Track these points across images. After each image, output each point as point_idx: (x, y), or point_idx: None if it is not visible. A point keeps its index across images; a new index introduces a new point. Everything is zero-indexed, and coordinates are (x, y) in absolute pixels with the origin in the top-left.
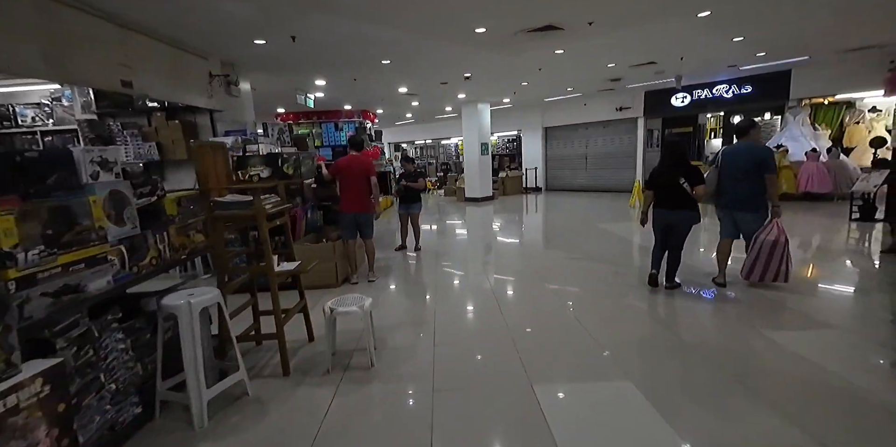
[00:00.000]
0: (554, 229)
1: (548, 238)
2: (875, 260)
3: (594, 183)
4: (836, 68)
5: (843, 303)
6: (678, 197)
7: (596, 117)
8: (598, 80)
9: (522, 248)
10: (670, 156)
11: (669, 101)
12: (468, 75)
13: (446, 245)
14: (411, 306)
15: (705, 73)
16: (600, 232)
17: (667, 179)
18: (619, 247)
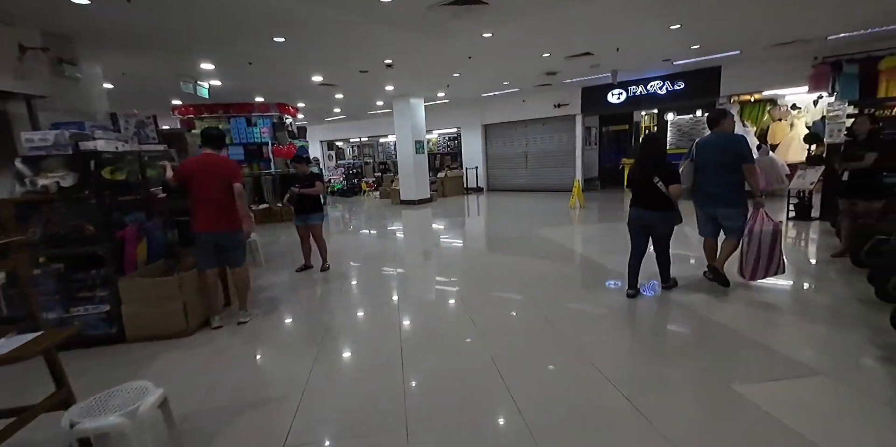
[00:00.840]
0: (494, 236)
1: (488, 248)
2: (832, 268)
3: (536, 182)
4: (763, 65)
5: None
6: (654, 196)
7: (535, 114)
8: (534, 74)
9: (460, 263)
10: (645, 152)
11: (606, 97)
12: (389, 62)
13: (367, 260)
14: (281, 367)
15: (640, 68)
16: (543, 241)
17: (642, 178)
18: (565, 262)
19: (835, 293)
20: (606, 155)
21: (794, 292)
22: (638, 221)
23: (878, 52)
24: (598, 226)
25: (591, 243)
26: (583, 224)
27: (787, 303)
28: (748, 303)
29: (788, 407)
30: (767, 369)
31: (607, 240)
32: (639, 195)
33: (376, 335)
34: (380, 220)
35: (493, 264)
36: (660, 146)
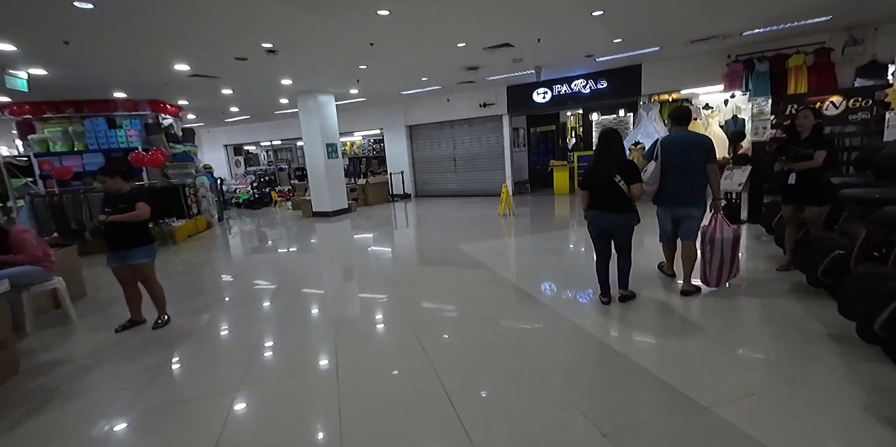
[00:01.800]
0: (405, 259)
1: (388, 281)
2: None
3: (466, 187)
4: (681, 63)
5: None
6: (613, 197)
7: (461, 114)
8: (453, 69)
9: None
10: (605, 149)
11: (531, 96)
12: (270, 47)
13: (233, 307)
14: None
15: (564, 65)
16: (465, 262)
17: (602, 177)
18: (487, 299)
19: (801, 327)
20: (535, 157)
21: (753, 328)
22: (599, 225)
23: (786, 49)
24: (530, 238)
25: (521, 263)
26: (512, 236)
27: (751, 342)
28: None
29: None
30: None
31: (538, 258)
32: (599, 196)
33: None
34: (279, 238)
35: (376, 309)
36: (621, 142)
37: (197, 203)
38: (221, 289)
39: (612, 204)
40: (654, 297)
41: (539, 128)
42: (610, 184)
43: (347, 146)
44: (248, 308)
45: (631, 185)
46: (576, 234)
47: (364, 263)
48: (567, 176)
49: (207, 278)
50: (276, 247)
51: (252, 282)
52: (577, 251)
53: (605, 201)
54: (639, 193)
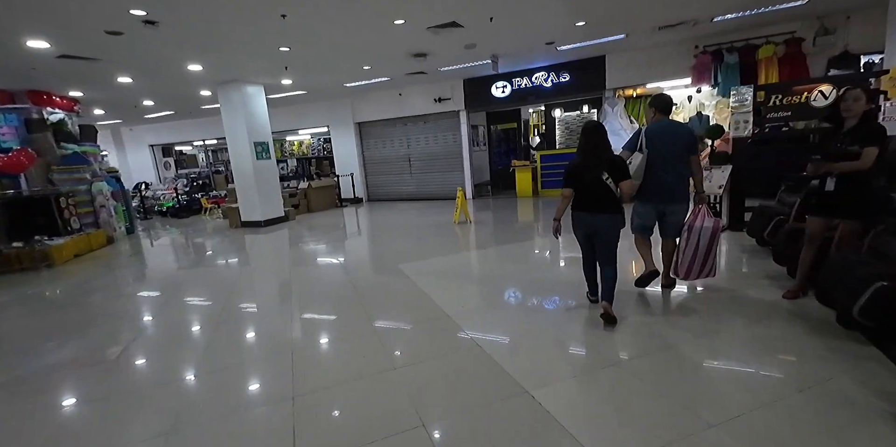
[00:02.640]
0: (326, 286)
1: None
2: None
3: (422, 190)
4: (647, 55)
5: None
6: (602, 196)
7: (414, 110)
8: (398, 56)
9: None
10: (592, 144)
11: (490, 91)
12: (145, 17)
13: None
14: None
15: (523, 54)
16: (402, 292)
17: (590, 175)
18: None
19: (851, 403)
20: (497, 157)
21: (788, 406)
22: (586, 228)
23: (756, 39)
24: (488, 253)
25: (475, 291)
26: (467, 249)
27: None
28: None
29: None
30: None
31: (498, 282)
32: (585, 196)
33: None
34: (186, 256)
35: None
36: (606, 135)
37: (95, 214)
38: (88, 329)
39: (599, 204)
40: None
41: (500, 126)
42: (597, 182)
43: (295, 146)
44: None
45: (620, 182)
46: (544, 245)
47: (253, 300)
48: (530, 177)
49: (70, 314)
50: (171, 270)
51: (110, 321)
52: (548, 272)
53: (592, 201)
54: (630, 191)
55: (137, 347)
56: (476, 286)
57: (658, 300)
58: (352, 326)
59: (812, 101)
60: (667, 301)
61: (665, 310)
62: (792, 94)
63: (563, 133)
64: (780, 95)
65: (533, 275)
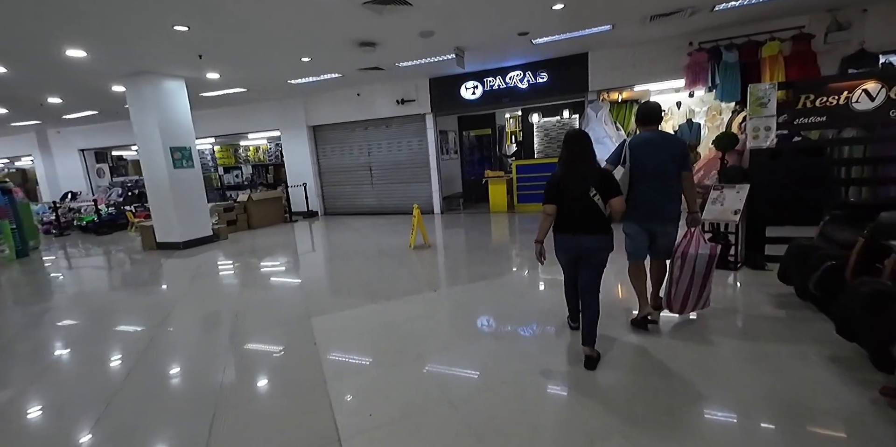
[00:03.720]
0: (199, 366)
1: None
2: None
3: (385, 203)
4: (635, 52)
5: None
6: (589, 215)
7: (375, 113)
8: (339, 43)
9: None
10: (575, 154)
11: (459, 92)
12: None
13: None
14: None
15: (494, 49)
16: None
17: (575, 190)
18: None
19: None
20: (470, 166)
21: None
22: (570, 251)
23: (758, 35)
24: (438, 301)
25: (406, 379)
26: (417, 291)
27: None
28: None
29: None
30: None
31: (448, 366)
32: (569, 215)
33: None
34: (45, 295)
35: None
36: (591, 145)
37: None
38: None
39: (584, 224)
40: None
41: (473, 131)
42: (582, 199)
43: (251, 151)
44: None
45: (610, 199)
46: (521, 283)
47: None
48: (504, 190)
49: None
50: (31, 315)
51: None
52: (532, 335)
53: (577, 221)
54: (620, 209)
55: None
56: (410, 368)
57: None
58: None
59: (854, 102)
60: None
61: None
62: (828, 94)
63: (543, 141)
64: (811, 95)
65: (507, 345)
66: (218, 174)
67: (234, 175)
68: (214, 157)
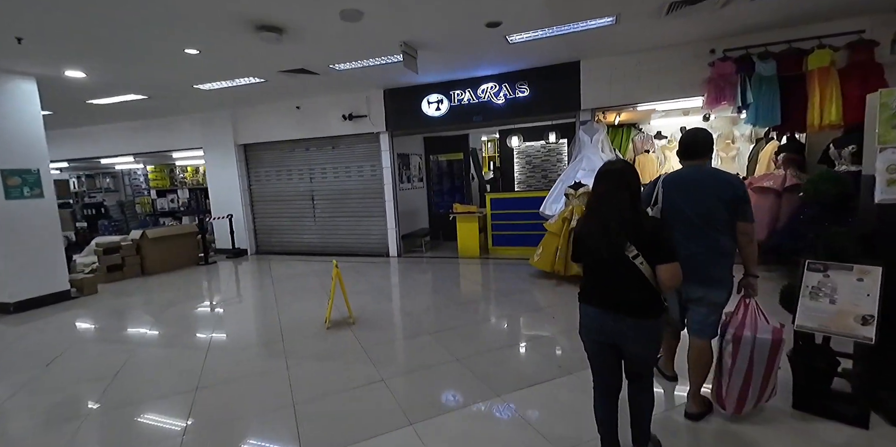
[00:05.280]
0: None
1: None
2: None
3: (330, 241)
4: (639, 61)
5: None
6: (625, 285)
7: (319, 130)
8: (229, 23)
9: None
10: (604, 197)
11: (420, 107)
12: None
13: None
14: None
15: (457, 49)
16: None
17: (606, 248)
18: None
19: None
20: (439, 196)
21: None
22: (597, 334)
23: (803, 41)
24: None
25: None
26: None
27: None
28: None
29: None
30: None
31: None
32: (598, 281)
33: None
34: None
35: None
36: (636, 183)
37: None
38: None
39: (618, 297)
40: None
41: (441, 156)
42: (618, 261)
43: (188, 172)
44: None
45: (659, 264)
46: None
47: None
48: (476, 229)
49: None
50: None
51: None
52: None
53: (608, 292)
54: (672, 282)
55: None
56: None
57: None
58: None
59: None
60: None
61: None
62: None
63: (524, 169)
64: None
65: None
66: (150, 198)
67: (170, 199)
68: (147, 178)
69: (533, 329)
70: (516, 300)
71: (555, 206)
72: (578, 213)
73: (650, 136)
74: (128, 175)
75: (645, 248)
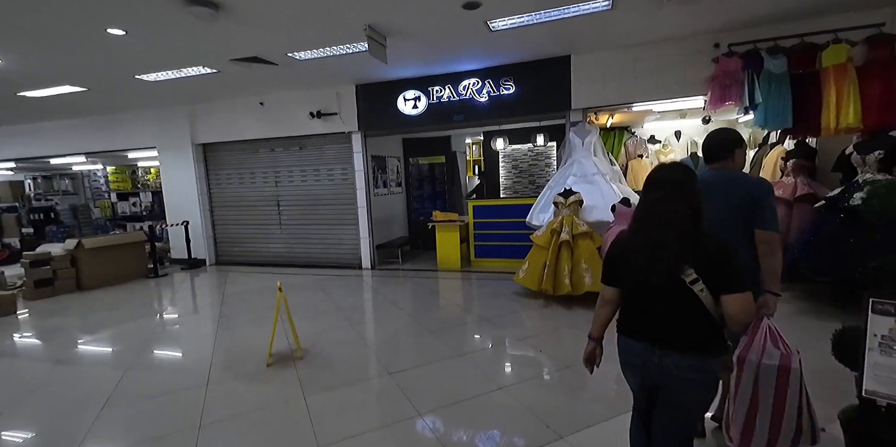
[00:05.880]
0: None
1: None
2: None
3: (297, 251)
4: (636, 57)
5: None
6: (682, 316)
7: (284, 129)
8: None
9: None
10: (655, 208)
11: (395, 103)
12: None
13: None
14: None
15: (430, 34)
16: None
17: (657, 270)
18: None
19: None
20: (419, 202)
21: None
22: (642, 375)
23: (816, 35)
24: None
25: None
26: None
27: None
28: None
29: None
30: None
31: None
32: (643, 309)
33: None
34: None
35: None
36: (694, 192)
37: None
38: None
39: (670, 330)
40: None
41: (422, 159)
42: (671, 286)
43: (151, 175)
44: None
45: (725, 294)
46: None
47: None
48: (457, 239)
49: None
50: None
51: None
52: None
53: (657, 323)
54: (742, 317)
55: None
56: None
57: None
58: None
59: None
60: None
61: None
62: None
63: (510, 174)
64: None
65: None
66: (111, 202)
67: (132, 203)
68: (108, 180)
69: (516, 367)
70: (498, 325)
71: (542, 215)
72: (568, 223)
73: (644, 140)
74: (87, 177)
75: (707, 273)
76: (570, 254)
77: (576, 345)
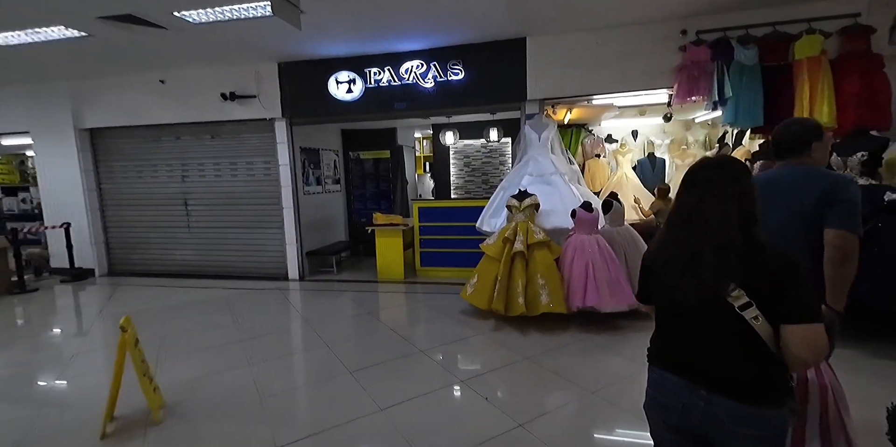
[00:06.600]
0: None
1: None
2: None
3: (210, 259)
4: (597, 43)
5: None
6: (728, 349)
7: (192, 114)
8: None
9: None
10: (709, 214)
11: (326, 87)
12: None
13: None
14: None
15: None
16: None
17: (694, 289)
18: None
19: None
20: (361, 202)
21: None
22: (679, 418)
23: (789, 24)
24: None
25: None
26: None
27: None
28: None
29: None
30: None
31: None
32: (678, 336)
33: None
34: None
35: None
36: (750, 194)
37: None
38: None
39: (713, 366)
40: None
41: (363, 153)
42: (714, 310)
43: None
44: None
45: (788, 323)
46: None
47: None
48: (400, 245)
49: None
50: None
51: None
52: None
53: (696, 355)
54: (811, 352)
55: None
56: None
57: None
58: None
59: None
60: None
61: None
62: None
63: (462, 173)
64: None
65: None
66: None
67: (21, 199)
68: None
69: (454, 426)
70: (439, 361)
71: (494, 220)
72: (523, 231)
73: (601, 139)
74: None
75: (763, 296)
76: (525, 267)
77: (534, 385)
